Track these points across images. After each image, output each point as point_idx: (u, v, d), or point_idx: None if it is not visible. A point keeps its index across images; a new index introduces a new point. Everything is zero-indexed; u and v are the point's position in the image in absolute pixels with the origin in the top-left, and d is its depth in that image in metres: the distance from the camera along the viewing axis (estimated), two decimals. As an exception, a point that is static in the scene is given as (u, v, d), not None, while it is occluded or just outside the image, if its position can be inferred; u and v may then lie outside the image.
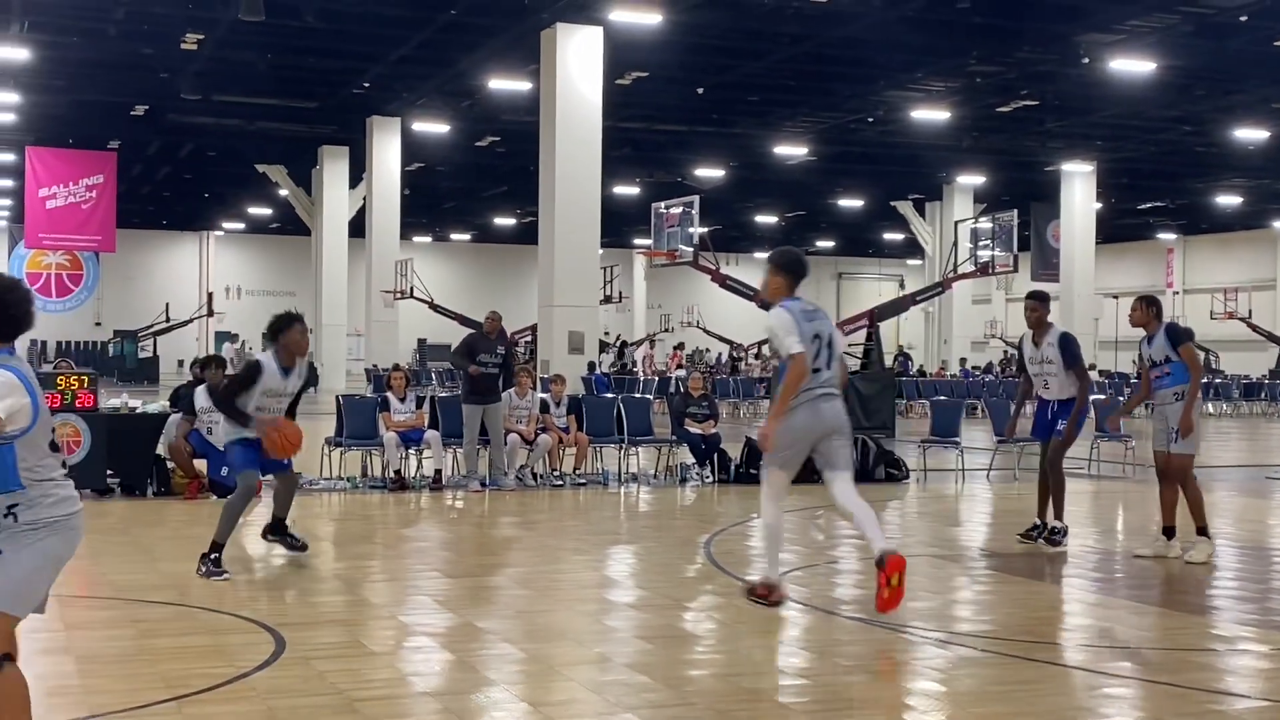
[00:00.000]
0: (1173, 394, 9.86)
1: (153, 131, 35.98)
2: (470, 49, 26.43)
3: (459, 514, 12.81)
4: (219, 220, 57.49)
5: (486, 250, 62.05)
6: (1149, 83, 27.62)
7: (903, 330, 57.82)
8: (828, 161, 39.08)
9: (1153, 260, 59.54)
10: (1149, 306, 10.08)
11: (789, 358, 7.36)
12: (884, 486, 15.16)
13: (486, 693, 5.97)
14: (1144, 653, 6.93)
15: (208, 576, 8.61)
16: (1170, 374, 9.86)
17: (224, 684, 5.86)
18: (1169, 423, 9.95)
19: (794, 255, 7.89)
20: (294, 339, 8.95)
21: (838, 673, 6.44)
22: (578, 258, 23.15)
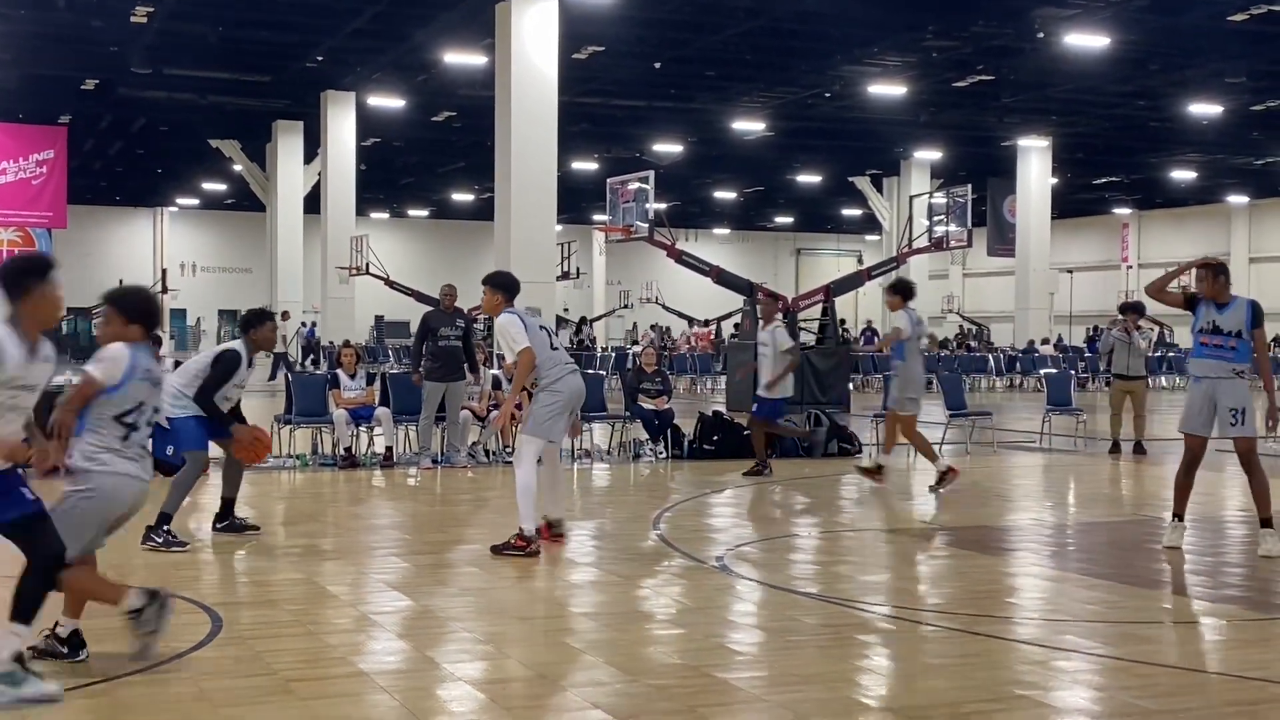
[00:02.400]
0: (1232, 369, 9.05)
1: (104, 106, 35.46)
2: (425, 22, 26.17)
3: (410, 491, 12.72)
4: (173, 196, 56.85)
5: (444, 226, 61.71)
6: (1104, 58, 27.71)
7: (862, 306, 57.98)
8: (785, 137, 39.02)
9: (1108, 235, 59.98)
10: (1219, 275, 9.22)
11: (521, 352, 8.77)
12: (836, 461, 15.18)
13: (428, 672, 5.91)
14: (1093, 626, 6.94)
15: (166, 548, 8.68)
16: (1236, 350, 9.06)
17: (156, 665, 5.76)
18: (1220, 401, 9.08)
19: (509, 276, 9.50)
20: (266, 335, 9.47)
21: (784, 648, 6.41)
22: (534, 234, 22.99)
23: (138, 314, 5.81)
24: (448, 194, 54.21)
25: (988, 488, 13.38)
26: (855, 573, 8.50)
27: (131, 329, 5.76)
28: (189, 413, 9.07)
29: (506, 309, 9.07)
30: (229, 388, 9.10)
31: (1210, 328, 9.19)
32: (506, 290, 9.18)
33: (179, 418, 9.14)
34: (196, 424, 9.08)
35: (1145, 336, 16.48)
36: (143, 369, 5.71)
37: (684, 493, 12.34)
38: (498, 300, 9.11)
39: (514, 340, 8.86)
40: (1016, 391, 33.01)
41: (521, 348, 8.83)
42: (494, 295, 9.15)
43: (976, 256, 51.77)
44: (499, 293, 9.15)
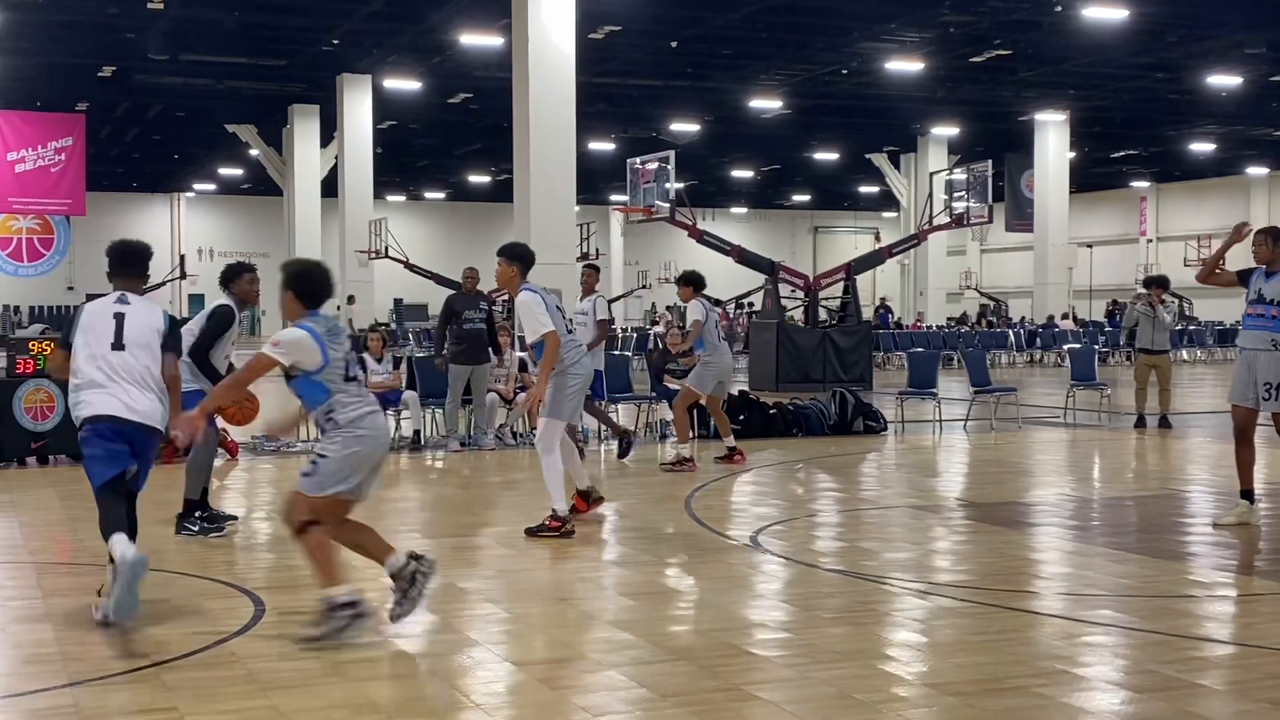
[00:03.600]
0: (1271, 340, 8.89)
1: (121, 92, 35.54)
2: (440, 4, 26.15)
3: (439, 474, 12.78)
4: (190, 181, 56.97)
5: (461, 209, 61.72)
6: (1122, 30, 27.56)
7: (880, 283, 57.85)
8: (802, 114, 38.92)
9: (1127, 208, 59.69)
10: (1276, 242, 9.02)
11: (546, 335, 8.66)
12: (862, 439, 15.20)
13: (470, 652, 5.96)
14: (1123, 600, 6.96)
15: (204, 534, 8.62)
16: (1277, 319, 8.85)
17: (204, 649, 5.83)
18: (1257, 374, 8.99)
19: (524, 247, 9.27)
20: (245, 287, 9.21)
21: (819, 625, 6.45)
22: (554, 215, 22.96)
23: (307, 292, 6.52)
24: (464, 176, 54.20)
25: (1014, 463, 13.40)
26: (885, 550, 8.52)
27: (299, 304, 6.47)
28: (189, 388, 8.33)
29: (525, 286, 8.88)
30: (225, 344, 8.89)
31: (1256, 297, 9.06)
32: (523, 262, 8.97)
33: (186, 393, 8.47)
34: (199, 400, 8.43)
35: (1170, 310, 16.44)
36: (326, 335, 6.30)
37: (713, 472, 12.37)
38: (513, 272, 8.90)
39: (539, 321, 8.71)
40: (1037, 367, 32.96)
41: (546, 330, 8.68)
42: (509, 267, 8.92)
43: (994, 232, 51.60)
44: (514, 264, 8.93)
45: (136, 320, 6.73)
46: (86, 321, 6.69)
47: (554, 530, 8.75)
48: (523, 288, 8.91)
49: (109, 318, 6.69)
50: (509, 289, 9.10)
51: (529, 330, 8.83)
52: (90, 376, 6.56)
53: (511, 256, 9.02)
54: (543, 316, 8.73)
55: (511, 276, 8.93)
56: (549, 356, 8.75)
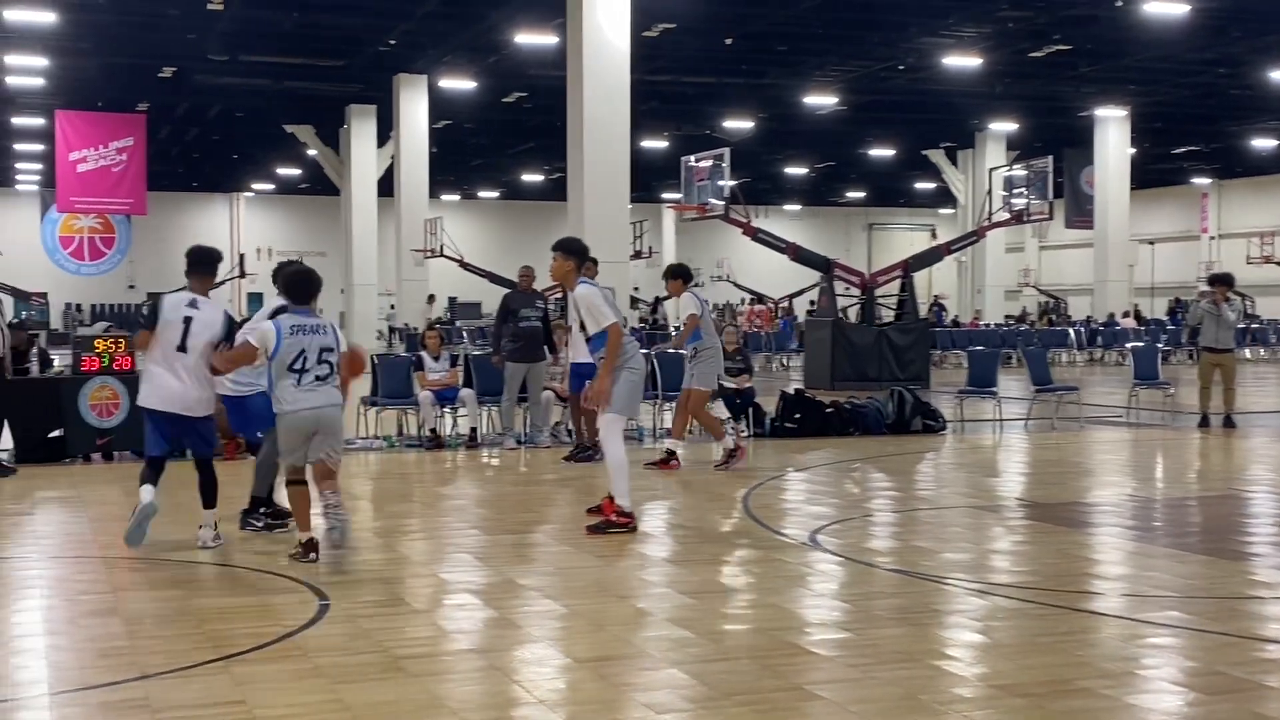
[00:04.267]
0: None
1: (181, 93, 35.98)
2: (496, 4, 26.25)
3: (495, 471, 12.84)
4: (249, 181, 57.57)
5: (516, 207, 61.93)
6: (1183, 25, 27.20)
7: (936, 280, 57.48)
8: (858, 111, 38.71)
9: (1188, 205, 58.90)
10: None
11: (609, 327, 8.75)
12: (921, 438, 15.10)
13: (530, 649, 5.98)
14: (1187, 600, 6.89)
15: (269, 530, 8.67)
16: None
17: (271, 643, 5.90)
18: None
19: (580, 241, 9.26)
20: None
21: (880, 624, 6.42)
22: (607, 213, 23.00)
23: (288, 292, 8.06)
24: (518, 175, 54.38)
25: (1075, 463, 13.28)
26: (945, 549, 8.47)
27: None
28: (255, 390, 8.69)
29: (581, 280, 8.96)
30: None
31: None
32: (579, 256, 9.04)
33: (246, 397, 8.84)
34: (264, 401, 8.49)
35: (1234, 308, 16.22)
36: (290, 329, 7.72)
37: (769, 470, 12.35)
38: (570, 266, 8.95)
39: (601, 313, 8.75)
40: (1098, 365, 32.62)
41: (609, 322, 8.73)
42: (566, 261, 8.98)
43: (1053, 229, 51.02)
44: (571, 258, 8.98)
45: (200, 324, 8.14)
46: (166, 316, 8.15)
47: (621, 526, 8.75)
48: (579, 281, 8.95)
49: (180, 320, 8.12)
50: (565, 283, 9.11)
51: (591, 322, 8.84)
52: (157, 366, 8.16)
53: (568, 251, 9.06)
54: (604, 308, 8.82)
55: (568, 271, 8.97)
56: (613, 348, 8.77)
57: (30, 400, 12.69)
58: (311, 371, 7.73)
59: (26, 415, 12.60)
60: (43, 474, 11.89)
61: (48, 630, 6.29)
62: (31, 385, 13.24)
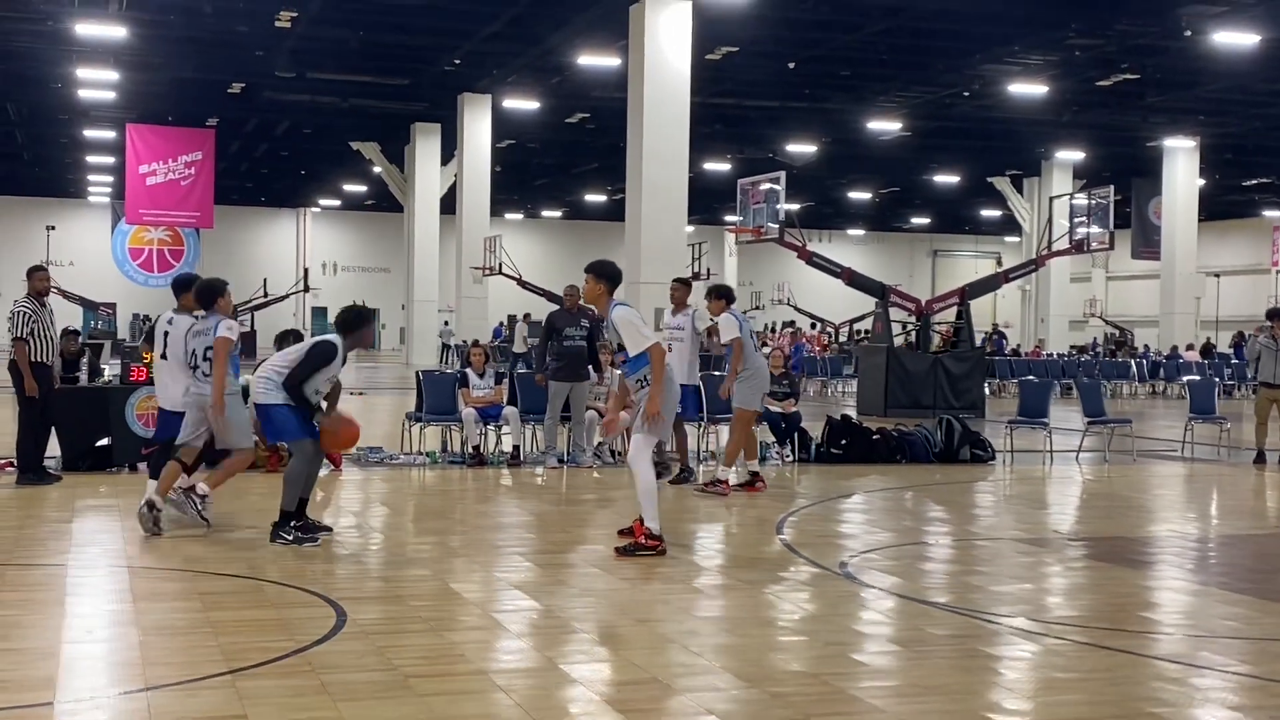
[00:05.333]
0: None
1: (249, 109, 36.49)
2: (559, 25, 26.38)
3: (536, 491, 12.80)
4: (315, 197, 58.27)
5: (577, 227, 62.17)
6: (1253, 56, 26.79)
7: (1000, 308, 56.96)
8: (922, 137, 38.48)
9: (1258, 238, 57.93)
10: None
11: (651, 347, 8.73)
12: (968, 467, 14.89)
13: (546, 673, 5.91)
14: (1232, 643, 6.68)
15: (298, 544, 8.72)
16: None
17: (281, 658, 5.87)
18: None
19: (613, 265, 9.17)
20: (368, 337, 9.41)
21: (911, 658, 6.28)
22: (665, 234, 23.01)
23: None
24: (581, 195, 54.61)
25: (1126, 498, 13.01)
26: (985, 582, 8.30)
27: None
28: (282, 400, 8.86)
29: (616, 302, 8.96)
30: (319, 380, 8.97)
31: None
32: (610, 280, 9.02)
33: (275, 405, 8.90)
34: (291, 412, 8.85)
35: (1293, 343, 15.85)
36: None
37: (810, 497, 12.21)
38: (601, 290, 8.96)
39: (641, 335, 8.77)
40: (1160, 398, 32.09)
41: (651, 343, 8.78)
42: (597, 284, 8.98)
43: (1120, 259, 50.46)
44: (602, 281, 8.99)
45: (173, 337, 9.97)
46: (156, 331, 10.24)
47: (649, 549, 8.71)
48: (615, 304, 8.93)
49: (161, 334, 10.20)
50: (597, 305, 9.13)
51: (632, 344, 8.80)
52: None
53: (600, 274, 9.03)
54: (645, 329, 8.84)
55: (600, 294, 8.98)
56: (659, 368, 8.77)
57: (78, 408, 12.84)
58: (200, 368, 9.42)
59: (74, 423, 12.74)
60: (87, 482, 12.01)
61: (66, 639, 6.31)
62: (80, 394, 13.40)
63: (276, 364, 9.03)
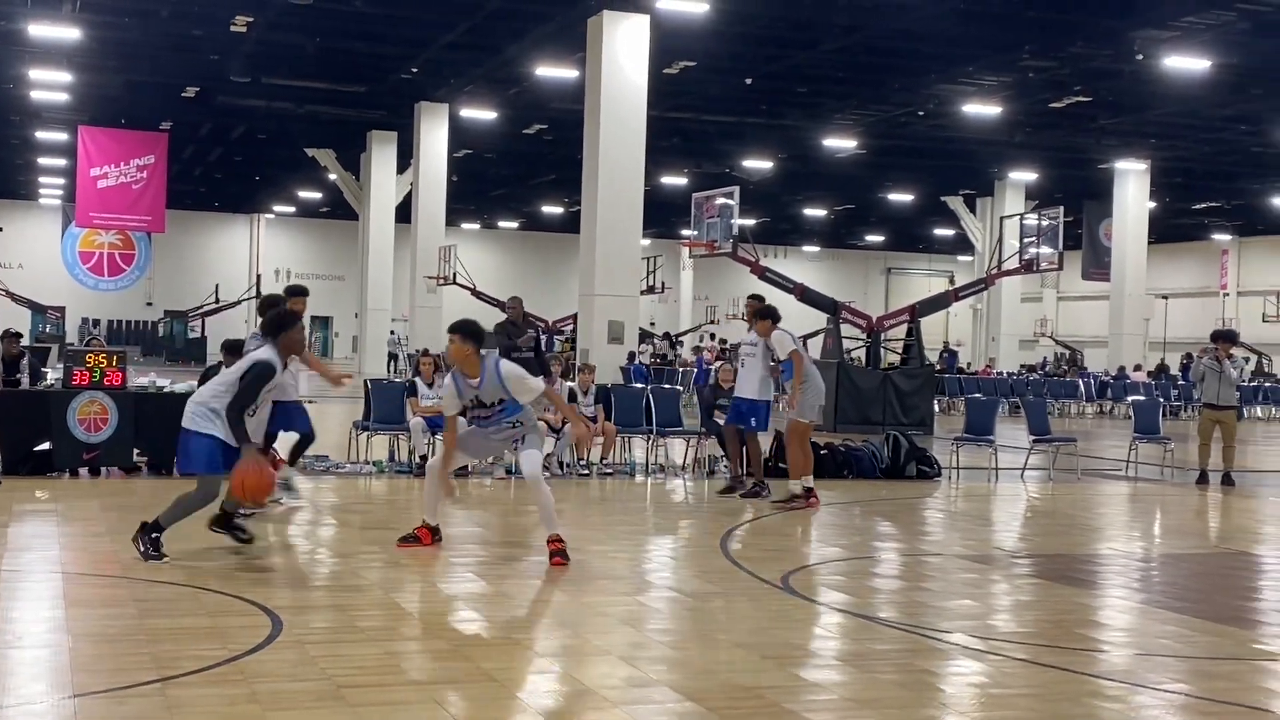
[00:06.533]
0: None
1: (204, 113, 36.23)
2: (518, 36, 26.37)
3: (482, 502, 12.74)
4: (269, 203, 57.88)
5: (534, 238, 62.11)
6: (1204, 81, 27.16)
7: (952, 327, 57.34)
8: (878, 155, 38.74)
9: (1207, 261, 58.71)
10: None
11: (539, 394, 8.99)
12: (914, 483, 14.96)
13: (483, 685, 5.87)
14: (1169, 661, 6.74)
15: (144, 559, 8.20)
16: None
17: (213, 666, 5.80)
18: None
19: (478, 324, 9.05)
20: (295, 338, 8.85)
21: (850, 673, 6.29)
22: (620, 247, 23.05)
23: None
24: (538, 206, 54.57)
25: (1069, 516, 13.11)
26: (928, 598, 8.33)
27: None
28: (213, 432, 8.33)
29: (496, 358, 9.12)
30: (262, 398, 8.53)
31: None
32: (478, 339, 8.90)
33: (202, 435, 8.36)
34: (215, 445, 8.32)
35: (1237, 365, 16.07)
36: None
37: (757, 511, 12.23)
38: (468, 350, 8.78)
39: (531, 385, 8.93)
40: (1107, 418, 32.39)
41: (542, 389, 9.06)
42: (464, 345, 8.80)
43: (1071, 280, 50.97)
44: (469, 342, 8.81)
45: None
46: None
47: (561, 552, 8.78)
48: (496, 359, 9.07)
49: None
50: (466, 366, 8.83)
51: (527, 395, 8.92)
52: None
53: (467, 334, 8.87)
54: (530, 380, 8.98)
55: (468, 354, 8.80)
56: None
57: (18, 412, 12.67)
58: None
59: (14, 427, 12.58)
60: (27, 486, 11.85)
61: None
62: (20, 397, 13.23)
63: (216, 391, 8.49)
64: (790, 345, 12.39)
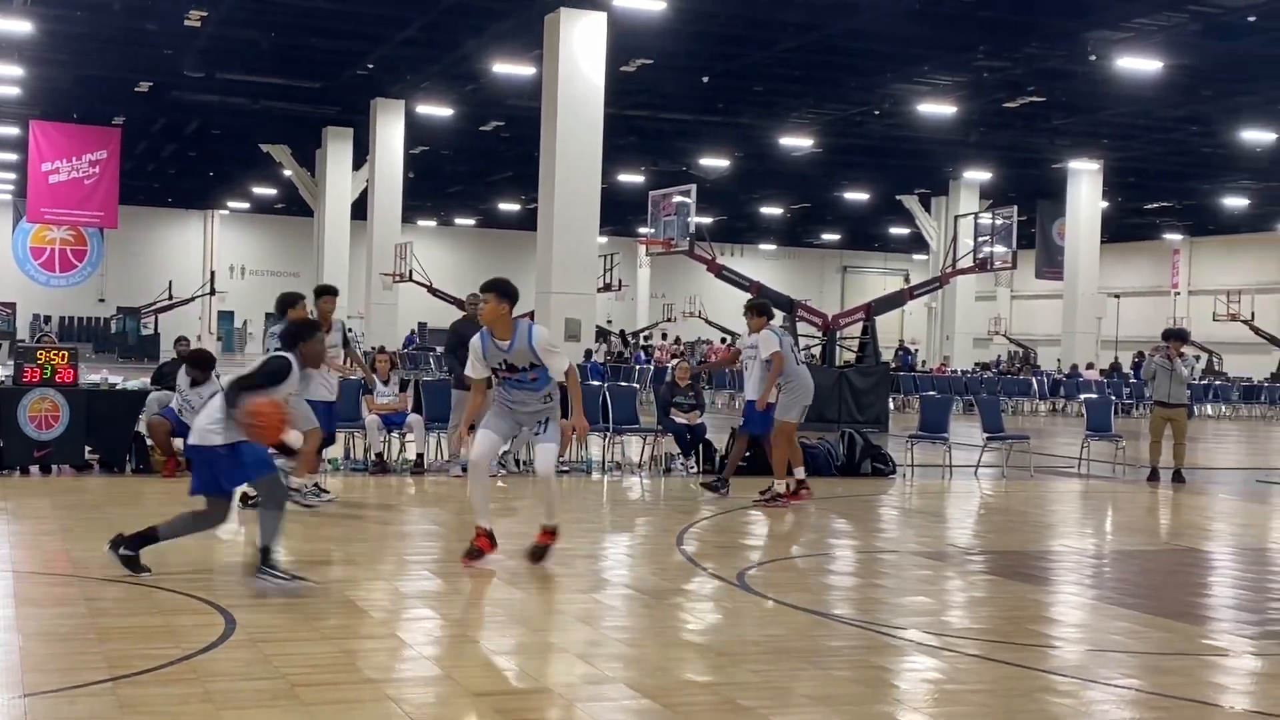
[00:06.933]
0: None
1: (157, 108, 35.91)
2: (474, 32, 26.31)
3: (438, 499, 12.71)
4: (224, 199, 57.45)
5: (491, 236, 61.98)
6: (1157, 82, 27.46)
7: (908, 325, 57.69)
8: (834, 154, 38.92)
9: (1158, 260, 59.36)
10: None
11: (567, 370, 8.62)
12: (869, 480, 15.05)
13: (439, 683, 5.86)
14: (1120, 657, 6.81)
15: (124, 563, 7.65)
16: None
17: (165, 665, 5.76)
18: None
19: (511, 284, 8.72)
20: (315, 349, 8.30)
21: (803, 669, 6.31)
22: (576, 245, 23.03)
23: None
24: (495, 203, 54.45)
25: (1022, 513, 13.23)
26: (882, 595, 8.38)
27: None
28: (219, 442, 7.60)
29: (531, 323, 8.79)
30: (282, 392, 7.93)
31: None
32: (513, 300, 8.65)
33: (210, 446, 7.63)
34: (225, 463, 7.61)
35: (1188, 364, 16.25)
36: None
37: (713, 508, 12.26)
38: (503, 310, 8.53)
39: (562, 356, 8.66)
40: (1060, 416, 32.68)
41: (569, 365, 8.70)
42: (500, 304, 8.53)
43: (1025, 279, 51.37)
44: (505, 302, 8.57)
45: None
46: None
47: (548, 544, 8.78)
48: (530, 325, 8.65)
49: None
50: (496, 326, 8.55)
51: (557, 366, 8.53)
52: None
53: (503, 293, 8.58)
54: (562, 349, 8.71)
55: (503, 314, 8.54)
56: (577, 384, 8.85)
57: (-33, 409, 12.51)
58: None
59: (-37, 424, 12.43)
60: (-24, 484, 11.72)
61: (-57, 644, 6.14)
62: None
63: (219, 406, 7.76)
64: (774, 346, 12.37)
